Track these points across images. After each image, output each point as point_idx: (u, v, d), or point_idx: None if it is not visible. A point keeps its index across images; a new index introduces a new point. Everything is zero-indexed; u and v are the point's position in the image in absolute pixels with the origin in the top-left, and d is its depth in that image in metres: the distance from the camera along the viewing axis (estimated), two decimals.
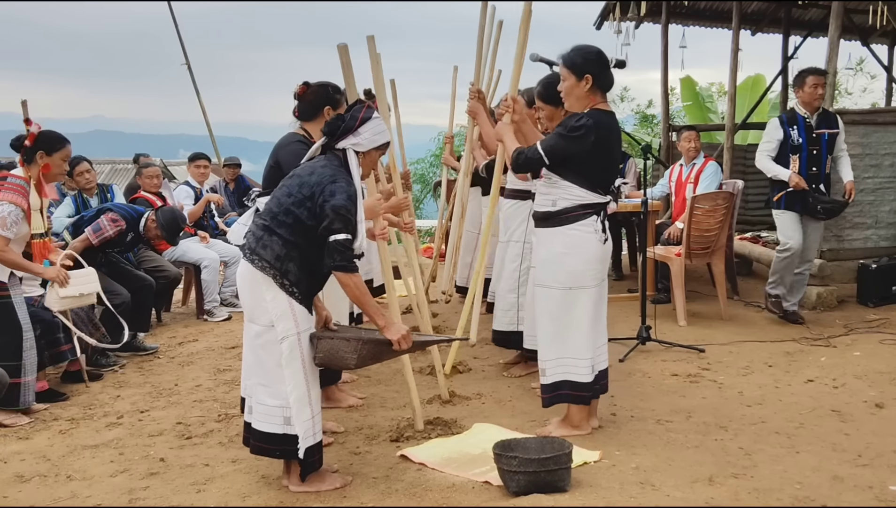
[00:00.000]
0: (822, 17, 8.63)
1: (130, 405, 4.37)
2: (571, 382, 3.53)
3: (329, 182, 2.98)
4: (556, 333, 3.54)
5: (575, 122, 3.40)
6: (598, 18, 8.46)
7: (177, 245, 6.36)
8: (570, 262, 3.48)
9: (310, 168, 3.09)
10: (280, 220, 3.02)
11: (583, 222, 3.47)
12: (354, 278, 2.99)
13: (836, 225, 6.09)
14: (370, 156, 3.19)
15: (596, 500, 2.92)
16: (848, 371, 4.53)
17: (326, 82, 3.77)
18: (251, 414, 3.13)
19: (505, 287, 4.52)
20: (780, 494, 2.98)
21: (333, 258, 2.95)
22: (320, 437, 3.12)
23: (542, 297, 3.60)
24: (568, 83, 3.50)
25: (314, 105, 3.69)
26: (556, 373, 3.55)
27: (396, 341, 3.05)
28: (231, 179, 8.29)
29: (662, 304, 6.05)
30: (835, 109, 6.00)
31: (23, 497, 3.25)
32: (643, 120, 17.35)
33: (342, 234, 2.94)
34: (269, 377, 3.04)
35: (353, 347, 3.03)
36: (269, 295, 3.00)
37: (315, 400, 3.09)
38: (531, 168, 3.58)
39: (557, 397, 3.58)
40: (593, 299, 3.53)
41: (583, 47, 3.52)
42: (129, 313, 5.19)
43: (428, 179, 18.26)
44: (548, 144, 3.45)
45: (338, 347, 3.03)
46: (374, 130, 3.13)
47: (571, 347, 3.53)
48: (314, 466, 3.12)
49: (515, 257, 4.44)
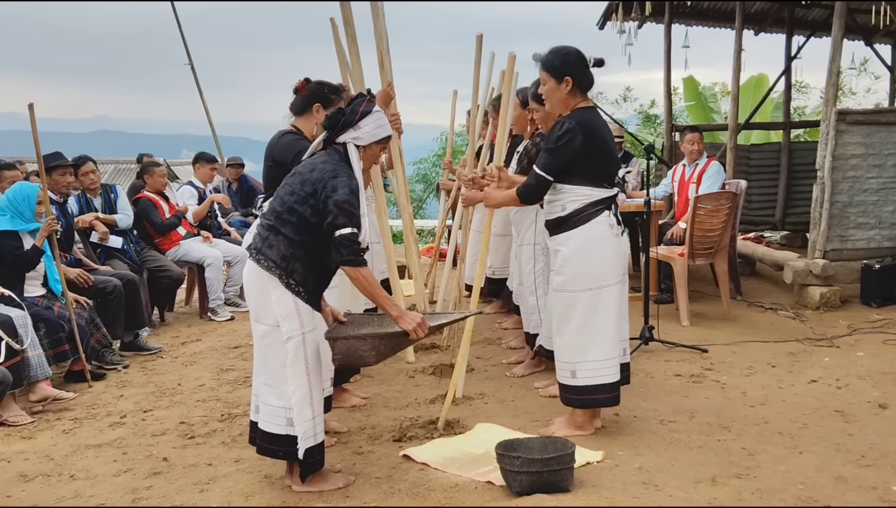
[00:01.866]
0: (826, 17, 8.60)
1: (133, 404, 4.38)
2: (605, 385, 3.50)
3: (331, 177, 2.98)
4: (585, 335, 3.49)
5: (558, 131, 3.40)
6: (601, 18, 8.45)
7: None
8: (589, 263, 3.46)
9: (311, 165, 3.09)
10: (284, 219, 3.03)
11: (596, 220, 3.45)
12: (363, 271, 3.00)
13: (839, 225, 6.08)
14: (371, 150, 3.17)
15: (599, 500, 2.92)
16: (851, 372, 4.52)
17: (325, 81, 3.77)
18: (257, 414, 3.14)
19: (526, 291, 4.52)
20: (784, 494, 2.97)
21: (340, 253, 2.96)
22: (322, 438, 3.12)
23: (564, 301, 3.54)
24: (548, 86, 3.49)
25: (306, 100, 3.70)
26: (587, 376, 3.50)
27: (413, 330, 3.02)
28: (234, 179, 8.31)
29: (665, 304, 6.04)
30: (838, 110, 6.00)
31: (26, 497, 3.25)
32: (646, 120, 17.31)
33: (347, 228, 2.94)
34: (274, 378, 3.05)
35: (371, 344, 3.02)
36: (274, 295, 3.00)
37: (317, 401, 3.09)
38: (541, 192, 3.53)
39: (594, 401, 3.54)
40: (616, 296, 3.51)
41: (561, 49, 3.50)
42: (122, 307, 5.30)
43: (431, 179, 18.24)
44: (543, 163, 3.44)
45: (355, 346, 3.02)
46: (375, 124, 3.12)
47: (602, 349, 3.49)
48: (314, 467, 3.12)
49: (529, 259, 4.44)
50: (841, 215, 6.10)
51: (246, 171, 8.54)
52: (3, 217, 4.65)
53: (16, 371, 4.12)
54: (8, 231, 4.63)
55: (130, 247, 6.13)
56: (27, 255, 4.65)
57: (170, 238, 6.51)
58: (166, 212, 6.51)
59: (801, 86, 15.53)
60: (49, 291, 4.83)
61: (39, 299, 4.73)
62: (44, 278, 4.84)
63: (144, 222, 6.43)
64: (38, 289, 4.79)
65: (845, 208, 6.10)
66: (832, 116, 5.97)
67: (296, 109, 3.73)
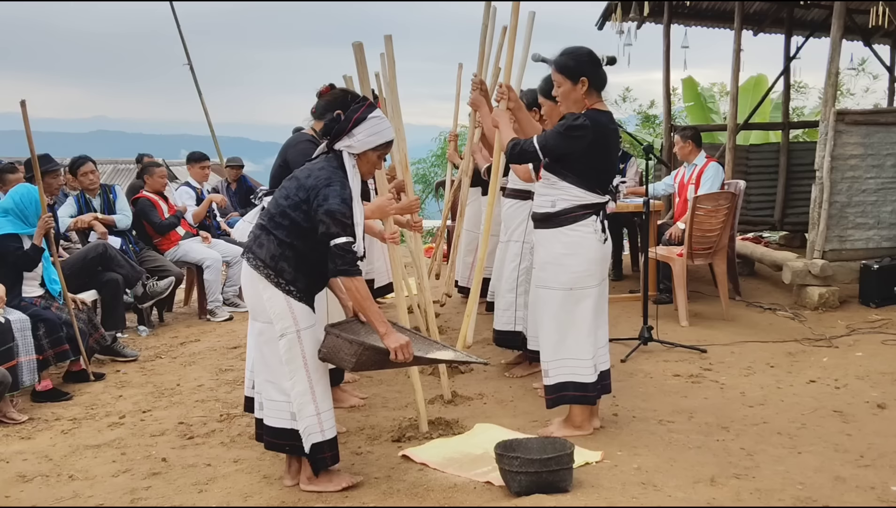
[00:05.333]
0: (825, 17, 8.60)
1: (132, 404, 4.38)
2: (575, 383, 3.53)
3: (324, 186, 2.97)
4: (558, 334, 3.54)
5: (573, 121, 3.39)
6: (600, 19, 8.45)
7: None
8: (571, 263, 3.48)
9: (307, 171, 3.09)
10: (277, 221, 3.04)
11: (582, 223, 3.46)
12: (357, 281, 2.99)
13: (838, 225, 6.09)
14: (367, 157, 3.13)
15: (598, 500, 2.92)
16: (850, 372, 4.52)
17: (350, 90, 3.79)
18: (262, 411, 3.16)
19: (504, 287, 4.52)
20: (782, 494, 2.97)
21: (335, 263, 2.95)
22: (332, 434, 3.11)
23: (543, 298, 3.60)
24: (564, 88, 3.48)
25: (328, 106, 3.69)
26: (559, 374, 3.55)
27: (394, 349, 2.99)
28: (233, 180, 8.30)
29: (664, 304, 6.04)
30: (837, 110, 6.00)
31: (25, 497, 3.25)
32: (645, 120, 17.31)
33: (342, 237, 2.93)
34: (274, 374, 3.07)
35: (354, 350, 3.00)
36: (265, 294, 3.02)
37: (321, 397, 3.08)
38: (525, 161, 3.57)
39: (562, 398, 3.57)
40: (594, 300, 3.53)
41: (574, 50, 3.50)
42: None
43: (430, 180, 18.25)
44: (544, 140, 3.44)
45: (340, 346, 3.02)
46: (370, 132, 3.08)
47: (574, 348, 3.53)
48: (326, 463, 3.12)
49: (515, 256, 4.44)
50: (840, 215, 6.11)
51: (245, 171, 8.54)
52: (5, 218, 4.64)
53: (12, 374, 4.13)
54: (9, 233, 4.63)
55: (129, 247, 6.13)
56: (28, 255, 4.65)
57: (169, 238, 6.51)
58: (165, 212, 6.51)
59: (799, 86, 15.55)
60: (46, 291, 4.84)
61: (38, 299, 4.74)
62: (41, 278, 4.84)
63: (143, 223, 6.43)
64: (37, 289, 4.80)
65: (844, 209, 6.10)
66: (831, 117, 5.97)
67: (317, 114, 3.74)
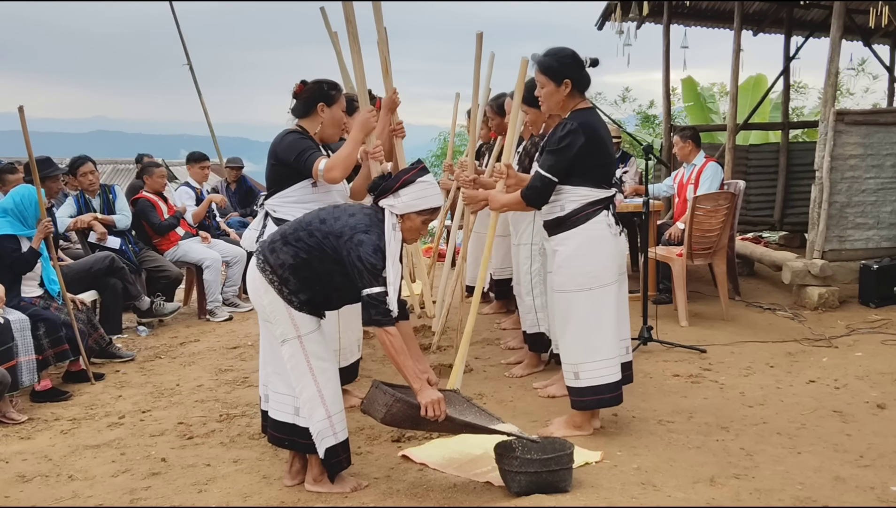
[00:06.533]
0: (824, 17, 8.61)
1: (132, 405, 4.38)
2: (607, 384, 3.50)
3: (362, 230, 2.96)
4: (585, 336, 3.49)
5: (560, 133, 3.39)
6: (600, 19, 8.45)
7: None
8: (588, 262, 3.46)
9: (355, 208, 3.10)
10: (300, 236, 3.03)
11: (594, 220, 3.45)
12: (390, 334, 2.92)
13: (837, 225, 6.09)
14: (410, 219, 3.06)
15: (597, 500, 2.92)
16: (850, 372, 4.52)
17: (322, 79, 3.76)
18: (268, 403, 3.18)
19: (523, 290, 4.52)
20: (782, 495, 2.97)
21: (369, 313, 2.92)
22: (344, 436, 3.11)
23: (564, 302, 3.54)
24: (547, 89, 3.47)
25: (308, 102, 3.69)
26: (590, 377, 3.50)
27: (425, 404, 2.92)
28: (233, 180, 8.30)
29: (664, 304, 6.05)
30: (836, 110, 6.00)
31: (24, 497, 3.25)
32: (645, 120, 17.31)
33: (376, 287, 2.90)
34: (281, 366, 3.08)
35: (386, 401, 2.95)
36: (266, 298, 3.04)
37: (331, 400, 3.07)
38: (547, 195, 3.47)
39: (600, 401, 3.53)
40: (615, 296, 3.50)
41: (557, 51, 3.48)
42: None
43: None
44: (547, 165, 3.42)
45: (376, 397, 2.99)
46: (415, 195, 3.04)
47: (602, 349, 3.49)
48: (341, 465, 3.12)
49: (526, 259, 4.44)
50: (839, 215, 6.11)
51: (245, 171, 8.54)
52: (4, 219, 4.64)
53: (11, 374, 4.13)
54: (7, 234, 4.63)
55: (129, 247, 6.13)
56: (24, 257, 4.65)
57: (168, 239, 6.51)
58: (165, 212, 6.52)
59: (799, 86, 15.54)
60: (46, 291, 4.84)
61: (37, 299, 4.75)
62: (40, 278, 4.85)
63: (143, 223, 6.43)
64: (36, 290, 4.81)
65: (843, 209, 6.11)
66: (831, 117, 5.97)
67: (298, 113, 3.72)
